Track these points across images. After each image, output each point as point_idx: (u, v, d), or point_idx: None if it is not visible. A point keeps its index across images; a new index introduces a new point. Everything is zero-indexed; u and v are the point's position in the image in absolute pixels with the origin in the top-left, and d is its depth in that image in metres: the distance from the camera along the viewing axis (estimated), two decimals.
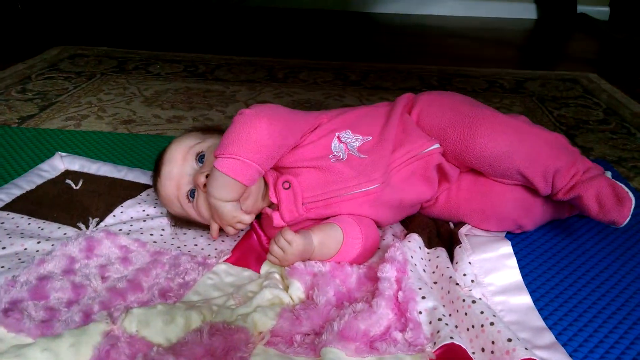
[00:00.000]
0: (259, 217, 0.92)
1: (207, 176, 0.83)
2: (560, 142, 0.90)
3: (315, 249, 0.82)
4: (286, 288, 0.79)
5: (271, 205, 0.88)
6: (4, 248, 0.86)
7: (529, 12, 2.93)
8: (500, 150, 0.85)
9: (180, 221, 0.94)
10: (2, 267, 0.81)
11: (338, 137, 0.88)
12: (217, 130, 0.95)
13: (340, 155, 0.86)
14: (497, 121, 0.88)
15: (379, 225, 0.91)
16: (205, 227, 0.92)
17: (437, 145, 0.89)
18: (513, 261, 0.84)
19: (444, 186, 0.93)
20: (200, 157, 0.87)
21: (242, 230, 0.89)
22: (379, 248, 0.88)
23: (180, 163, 0.87)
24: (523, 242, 0.95)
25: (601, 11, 2.78)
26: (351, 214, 0.86)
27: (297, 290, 0.77)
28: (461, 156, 0.88)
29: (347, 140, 0.88)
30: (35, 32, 2.41)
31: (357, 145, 0.88)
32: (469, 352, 0.67)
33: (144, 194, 1.03)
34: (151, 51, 2.12)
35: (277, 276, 0.81)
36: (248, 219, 0.84)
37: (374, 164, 0.86)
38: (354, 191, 0.85)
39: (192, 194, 0.87)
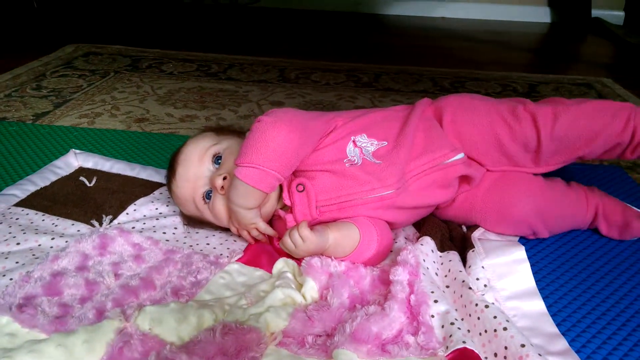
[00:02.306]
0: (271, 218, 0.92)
1: (224, 178, 0.83)
2: (604, 106, 0.91)
3: (330, 247, 0.82)
4: (299, 286, 0.79)
5: (284, 207, 0.88)
6: (18, 244, 0.86)
7: (543, 16, 2.92)
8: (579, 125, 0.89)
9: (193, 221, 0.94)
10: (17, 262, 0.82)
11: (354, 142, 0.88)
12: (231, 130, 0.96)
13: (355, 160, 0.86)
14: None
15: (392, 228, 0.91)
16: (217, 228, 0.92)
17: (461, 155, 0.89)
18: (526, 266, 0.83)
19: (463, 188, 0.93)
20: (217, 159, 0.87)
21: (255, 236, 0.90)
22: (391, 251, 0.88)
23: (196, 164, 0.87)
24: (537, 247, 0.94)
25: (616, 15, 2.76)
26: (365, 216, 0.86)
27: (311, 290, 0.77)
28: (531, 135, 0.90)
29: (362, 145, 0.87)
30: (50, 30, 2.43)
31: (372, 150, 0.87)
32: (482, 356, 0.66)
33: (157, 192, 1.03)
34: (164, 50, 2.13)
35: (289, 275, 0.80)
36: (263, 226, 0.86)
37: (389, 170, 0.85)
38: (368, 196, 0.85)
39: (208, 195, 0.87)
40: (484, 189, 0.93)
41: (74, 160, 1.13)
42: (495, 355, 0.67)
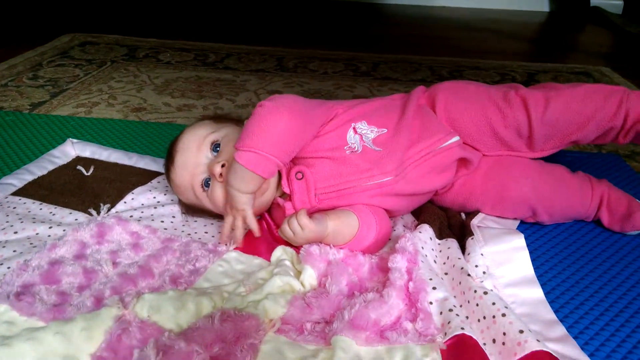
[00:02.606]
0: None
1: (222, 166, 0.83)
2: (596, 89, 0.91)
3: (328, 235, 0.82)
4: (298, 274, 0.79)
5: (283, 195, 0.88)
6: (15, 233, 0.86)
7: (542, 5, 2.90)
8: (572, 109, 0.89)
9: (192, 209, 0.94)
10: (14, 251, 0.82)
11: (354, 128, 0.87)
12: (229, 119, 0.95)
13: (355, 147, 0.86)
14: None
15: (390, 216, 0.91)
16: (215, 216, 0.92)
17: (456, 138, 0.89)
18: (525, 254, 0.83)
19: (461, 172, 0.93)
20: (215, 147, 0.87)
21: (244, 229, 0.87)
22: (390, 239, 0.88)
23: (195, 152, 0.87)
24: (535, 234, 0.94)
25: (615, 4, 2.75)
26: (364, 204, 0.86)
27: (310, 277, 0.77)
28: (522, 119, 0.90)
29: (363, 132, 0.87)
30: (46, 19, 2.41)
31: (372, 137, 0.87)
32: (480, 343, 0.66)
33: (154, 181, 1.03)
34: (161, 39, 2.11)
35: (287, 263, 0.80)
36: (250, 216, 0.84)
37: (388, 157, 0.85)
38: (367, 183, 0.85)
39: (206, 183, 0.87)
40: (482, 172, 0.93)
41: (71, 150, 1.12)
42: (494, 341, 0.67)
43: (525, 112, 0.90)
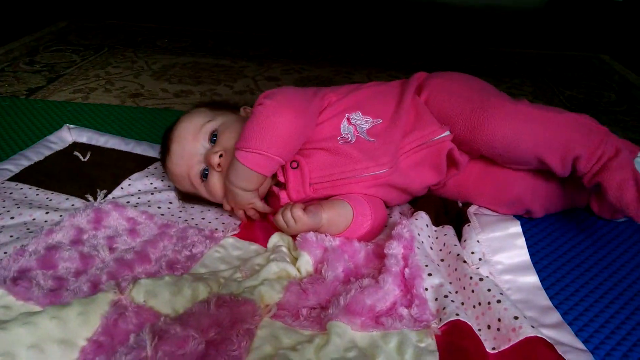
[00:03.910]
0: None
1: (220, 156, 0.83)
2: (582, 122, 0.84)
3: (323, 226, 0.82)
4: (294, 260, 0.79)
5: (278, 183, 0.88)
6: (12, 218, 0.86)
7: None
8: (508, 138, 0.82)
9: (188, 197, 0.94)
10: (11, 236, 0.82)
11: (348, 119, 0.87)
12: (225, 106, 0.95)
13: (348, 138, 0.85)
14: (506, 109, 0.83)
15: (387, 205, 0.91)
16: (211, 203, 0.92)
17: (447, 133, 0.87)
18: (521, 241, 0.84)
19: (452, 172, 0.91)
20: (213, 136, 0.86)
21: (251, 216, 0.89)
22: (386, 226, 0.88)
23: (191, 142, 0.86)
24: (531, 221, 0.94)
25: None
26: (359, 193, 0.86)
27: (306, 264, 0.77)
28: (471, 144, 0.86)
29: (357, 122, 0.86)
30: (43, 4, 2.39)
31: (367, 127, 0.86)
32: (475, 328, 0.67)
33: (151, 167, 1.03)
34: (159, 25, 2.10)
35: (284, 249, 0.81)
36: (261, 205, 0.86)
37: (383, 148, 0.85)
38: (362, 174, 0.84)
39: (204, 173, 0.86)
40: (476, 172, 0.91)
41: (67, 135, 1.12)
42: (489, 327, 0.68)
43: (481, 137, 0.83)
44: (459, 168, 0.90)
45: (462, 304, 0.72)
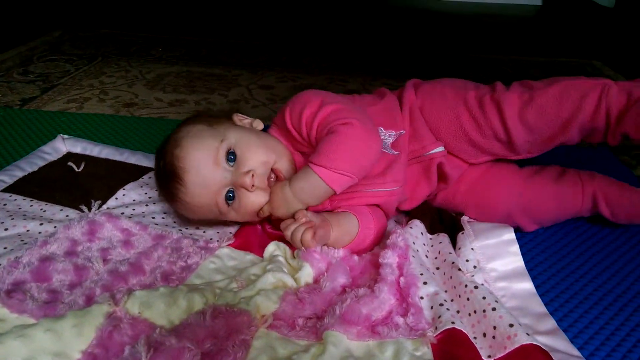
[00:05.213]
0: None
1: (252, 175, 0.80)
2: (570, 91, 0.83)
3: (328, 244, 0.82)
4: (291, 269, 0.79)
5: None
6: (6, 229, 0.86)
7: None
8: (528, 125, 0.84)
9: (193, 220, 0.90)
10: (5, 248, 0.81)
11: None
12: (221, 116, 0.91)
13: None
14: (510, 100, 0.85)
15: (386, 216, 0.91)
16: (214, 224, 0.91)
17: (441, 149, 0.87)
18: (516, 247, 0.84)
19: (440, 186, 0.91)
20: (229, 154, 0.81)
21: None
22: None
23: (212, 168, 0.80)
24: None
25: None
26: (367, 205, 0.86)
27: (307, 276, 0.77)
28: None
29: (382, 138, 0.86)
30: (37, 14, 2.39)
31: (391, 141, 0.86)
32: (471, 337, 0.67)
33: (145, 177, 1.03)
34: (153, 34, 2.10)
35: (281, 259, 0.80)
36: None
37: (399, 164, 0.85)
38: (378, 189, 0.84)
39: (228, 196, 0.82)
40: (465, 187, 0.91)
41: (61, 146, 1.12)
42: (485, 335, 0.68)
43: (500, 119, 0.84)
44: (448, 182, 0.90)
45: (458, 312, 0.72)
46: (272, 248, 0.84)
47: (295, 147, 0.87)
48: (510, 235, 0.85)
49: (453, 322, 0.67)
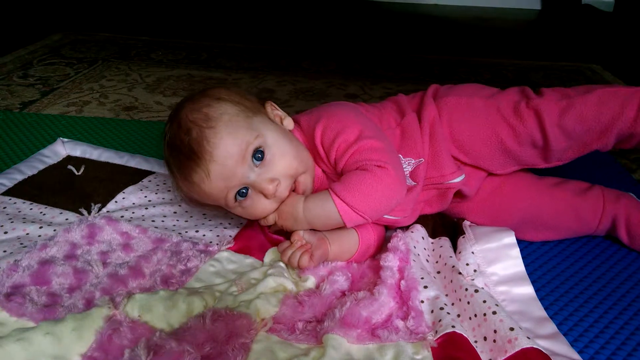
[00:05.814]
0: None
1: (277, 185, 0.77)
2: (605, 100, 0.82)
3: (329, 260, 0.82)
4: (291, 274, 0.79)
5: None
6: (5, 233, 0.86)
7: (534, 3, 2.91)
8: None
9: (194, 202, 0.85)
10: (4, 251, 0.81)
11: None
12: (256, 101, 0.86)
13: None
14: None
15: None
16: (217, 209, 0.87)
17: (462, 177, 0.86)
18: (516, 251, 0.84)
19: (455, 201, 0.90)
20: (256, 152, 0.77)
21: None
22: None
23: (237, 163, 0.76)
24: None
25: (606, 2, 2.76)
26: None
27: (311, 284, 0.78)
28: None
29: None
30: (37, 17, 2.40)
31: (410, 170, 0.85)
32: (471, 340, 0.67)
33: (145, 180, 1.03)
34: (153, 38, 2.11)
35: (281, 264, 0.80)
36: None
37: (415, 195, 0.84)
38: (386, 216, 0.83)
39: (240, 193, 0.78)
40: (478, 198, 0.91)
41: (61, 149, 1.12)
42: (485, 338, 0.68)
43: (539, 127, 0.82)
44: (464, 199, 0.90)
45: (458, 315, 0.72)
46: (273, 255, 0.84)
47: (316, 160, 0.84)
48: (511, 239, 0.85)
49: (453, 326, 0.67)
